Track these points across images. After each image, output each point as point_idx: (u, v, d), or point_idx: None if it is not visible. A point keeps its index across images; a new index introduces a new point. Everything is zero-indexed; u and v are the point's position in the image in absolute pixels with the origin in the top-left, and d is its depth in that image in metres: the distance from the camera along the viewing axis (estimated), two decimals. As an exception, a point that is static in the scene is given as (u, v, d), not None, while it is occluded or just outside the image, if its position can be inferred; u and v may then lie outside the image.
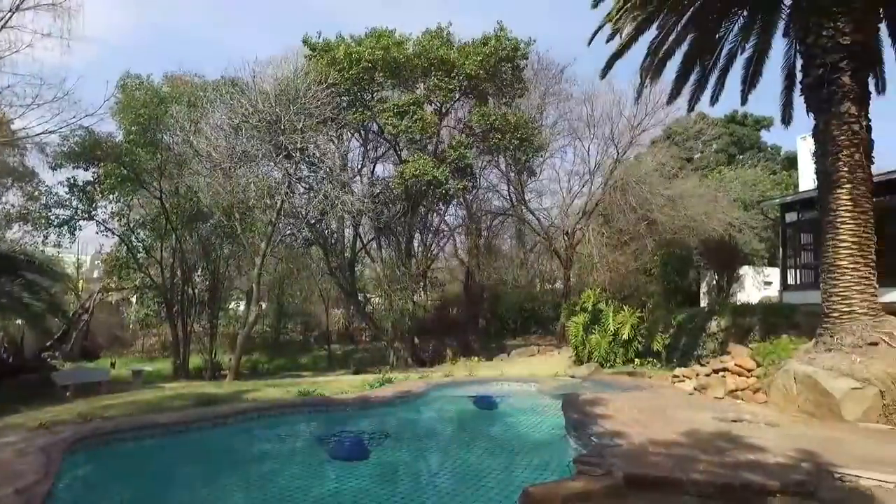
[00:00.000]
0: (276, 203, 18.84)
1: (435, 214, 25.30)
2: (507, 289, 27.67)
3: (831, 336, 9.49)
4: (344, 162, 21.74)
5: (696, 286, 24.69)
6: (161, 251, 24.00)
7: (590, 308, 17.06)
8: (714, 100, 15.06)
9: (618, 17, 11.89)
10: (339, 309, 33.84)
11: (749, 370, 10.98)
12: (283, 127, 18.30)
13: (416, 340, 23.74)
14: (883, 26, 11.76)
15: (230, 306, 30.91)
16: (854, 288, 9.55)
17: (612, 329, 15.99)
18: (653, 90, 19.98)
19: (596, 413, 8.23)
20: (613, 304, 17.01)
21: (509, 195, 28.12)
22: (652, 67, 13.65)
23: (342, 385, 13.49)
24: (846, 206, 9.57)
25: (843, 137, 9.60)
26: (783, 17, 12.75)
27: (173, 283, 23.91)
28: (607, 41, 12.97)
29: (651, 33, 13.23)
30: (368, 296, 28.99)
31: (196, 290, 24.66)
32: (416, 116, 19.85)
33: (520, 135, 20.51)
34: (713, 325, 14.84)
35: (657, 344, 15.58)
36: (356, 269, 26.28)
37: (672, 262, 19.27)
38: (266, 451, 8.52)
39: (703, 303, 21.76)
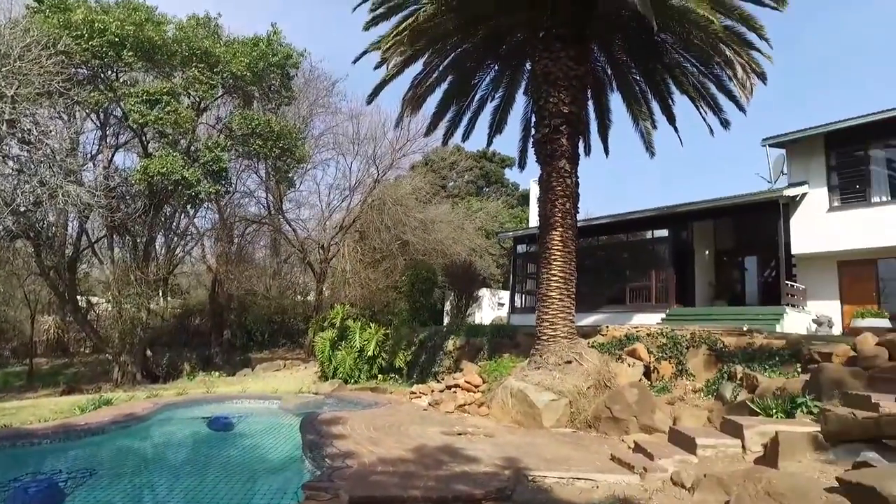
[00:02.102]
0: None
1: (183, 216, 23.08)
2: (258, 299, 26.47)
3: (540, 356, 11.10)
4: (73, 146, 18.55)
5: (441, 305, 26.78)
6: None
7: (338, 324, 17.26)
8: (465, 137, 16.68)
9: (387, 47, 12.39)
10: (52, 316, 28.38)
11: (476, 386, 12.22)
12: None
13: (149, 353, 21.19)
14: (591, 104, 14.48)
15: None
16: (559, 315, 11.34)
17: (358, 345, 16.40)
18: (416, 118, 21.34)
19: (332, 433, 8.29)
20: (362, 321, 17.48)
21: (267, 203, 27.16)
22: (414, 100, 14.53)
23: (42, 410, 11.28)
24: (558, 246, 11.39)
25: (559, 188, 11.45)
26: (525, 78, 14.79)
27: None
28: (375, 68, 13.42)
29: (417, 68, 14.14)
30: (94, 301, 24.96)
31: None
32: (169, 108, 17.83)
33: (282, 144, 19.91)
34: (450, 344, 16.14)
35: (400, 360, 16.42)
36: (79, 270, 22.42)
37: (419, 283, 20.60)
38: None
39: (446, 321, 23.68)
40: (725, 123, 13.40)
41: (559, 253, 11.37)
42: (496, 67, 15.02)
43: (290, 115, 24.64)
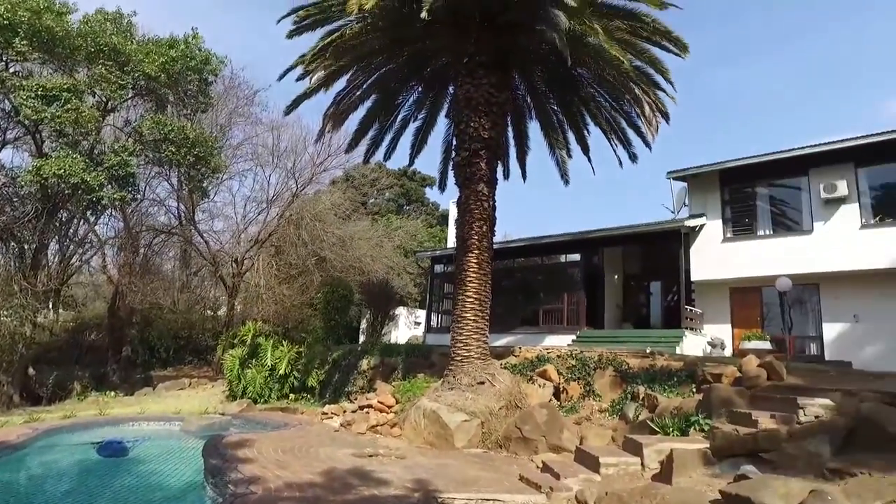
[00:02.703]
0: None
1: (82, 222, 21.47)
2: (163, 313, 24.98)
3: (454, 376, 11.20)
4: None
5: (358, 323, 26.46)
6: None
7: (249, 341, 16.65)
8: (387, 156, 16.76)
9: (311, 61, 12.28)
10: None
11: (389, 406, 12.13)
12: None
13: (32, 371, 19.37)
14: (511, 130, 15.00)
15: None
16: (473, 336, 11.51)
17: (269, 364, 15.87)
18: (338, 133, 21.12)
19: (238, 456, 7.94)
20: (274, 338, 16.95)
21: (178, 213, 25.83)
22: (336, 116, 14.45)
23: None
24: (474, 268, 11.60)
25: (476, 211, 11.71)
26: (447, 101, 15.07)
27: None
28: (297, 80, 13.24)
29: (341, 84, 14.09)
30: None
31: None
32: (69, 106, 16.55)
33: (197, 152, 19.04)
34: (364, 363, 15.90)
35: (312, 380, 16.02)
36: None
37: (335, 300, 20.24)
38: None
39: (362, 340, 23.38)
40: (633, 157, 14.26)
41: (475, 275, 11.59)
42: (420, 89, 15.24)
43: (206, 122, 23.68)
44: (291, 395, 15.83)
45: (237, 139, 26.73)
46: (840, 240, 14.85)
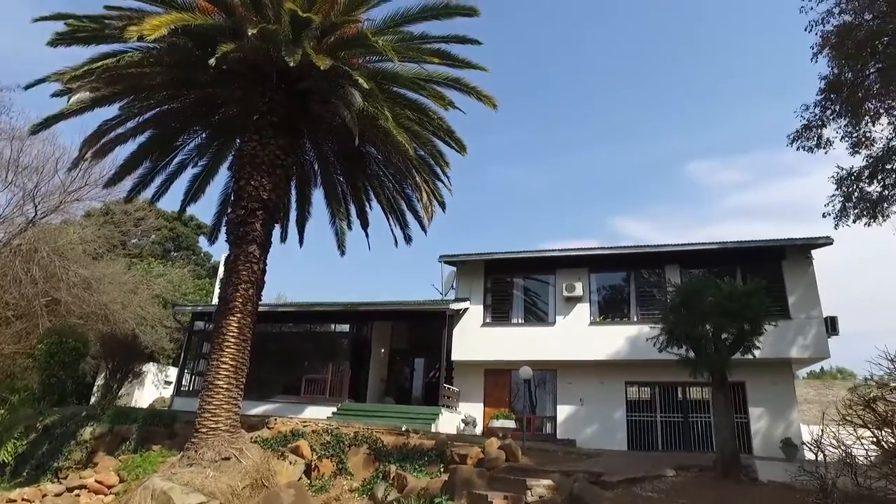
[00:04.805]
0: None
1: None
2: None
3: (196, 450, 10.05)
4: None
5: (92, 381, 22.68)
6: None
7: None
8: (156, 198, 15.31)
9: (74, 79, 10.79)
10: None
11: (110, 486, 10.42)
12: None
13: None
14: (295, 193, 14.80)
15: None
16: (224, 406, 10.55)
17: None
18: (103, 162, 18.57)
19: None
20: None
21: None
22: (99, 146, 12.83)
23: None
24: (234, 332, 10.80)
25: (245, 273, 11.05)
26: (233, 153, 14.37)
27: None
28: (53, 96, 11.53)
29: (110, 112, 12.64)
30: None
31: None
32: None
33: None
34: (88, 431, 13.42)
35: (6, 453, 12.93)
36: None
37: (61, 353, 17.05)
38: None
39: (94, 401, 19.98)
40: (408, 238, 14.99)
41: (234, 340, 10.80)
42: (205, 135, 14.40)
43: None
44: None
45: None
46: (575, 333, 17.20)
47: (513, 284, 18.76)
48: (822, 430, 6.83)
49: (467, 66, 11.83)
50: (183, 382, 20.24)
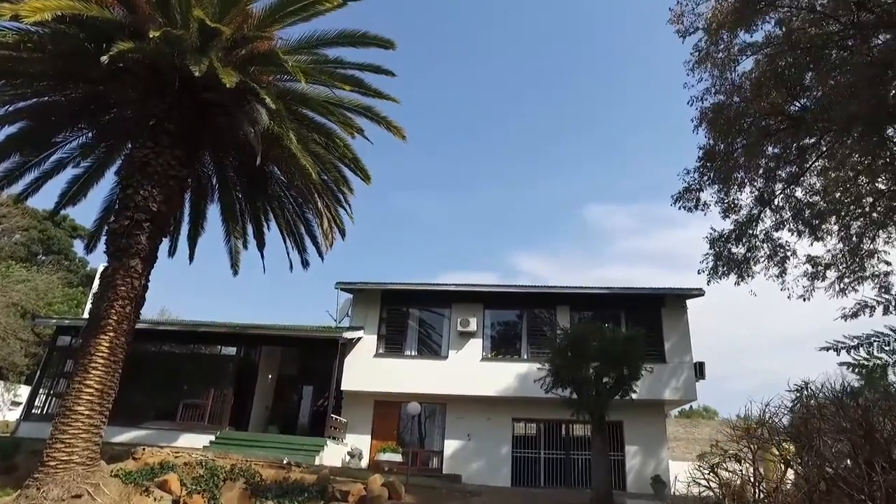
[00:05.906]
0: None
1: None
2: None
3: (39, 487, 8.93)
4: None
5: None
6: None
7: None
8: (25, 196, 13.93)
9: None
10: None
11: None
12: None
13: None
14: (188, 207, 13.96)
15: None
16: (82, 436, 9.50)
17: None
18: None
19: None
20: None
21: None
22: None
23: None
24: (104, 353, 9.81)
25: (123, 289, 10.13)
26: (121, 158, 13.35)
27: None
28: None
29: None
30: None
31: None
32: None
33: None
34: None
35: None
36: None
37: None
38: None
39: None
40: (305, 263, 14.53)
41: (103, 361, 9.81)
42: (91, 135, 13.23)
43: None
44: None
45: None
46: (467, 368, 17.38)
47: (409, 315, 18.71)
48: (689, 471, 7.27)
49: (379, 96, 11.86)
50: (35, 404, 18.10)
